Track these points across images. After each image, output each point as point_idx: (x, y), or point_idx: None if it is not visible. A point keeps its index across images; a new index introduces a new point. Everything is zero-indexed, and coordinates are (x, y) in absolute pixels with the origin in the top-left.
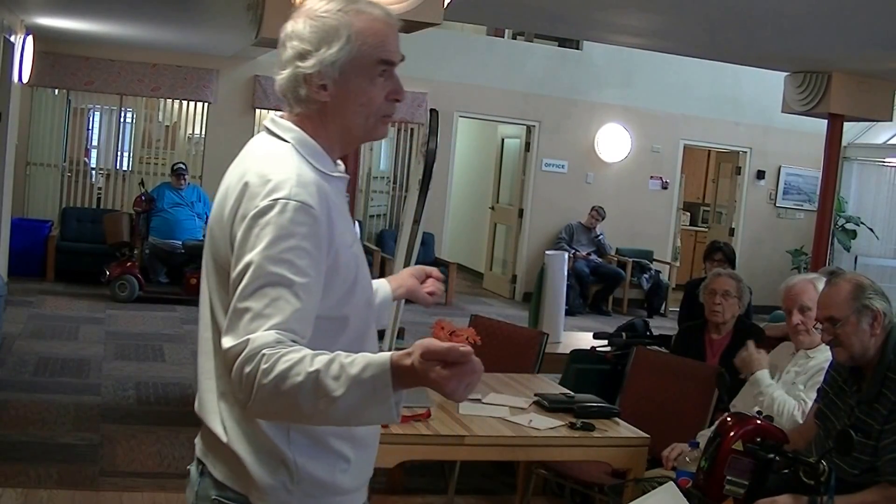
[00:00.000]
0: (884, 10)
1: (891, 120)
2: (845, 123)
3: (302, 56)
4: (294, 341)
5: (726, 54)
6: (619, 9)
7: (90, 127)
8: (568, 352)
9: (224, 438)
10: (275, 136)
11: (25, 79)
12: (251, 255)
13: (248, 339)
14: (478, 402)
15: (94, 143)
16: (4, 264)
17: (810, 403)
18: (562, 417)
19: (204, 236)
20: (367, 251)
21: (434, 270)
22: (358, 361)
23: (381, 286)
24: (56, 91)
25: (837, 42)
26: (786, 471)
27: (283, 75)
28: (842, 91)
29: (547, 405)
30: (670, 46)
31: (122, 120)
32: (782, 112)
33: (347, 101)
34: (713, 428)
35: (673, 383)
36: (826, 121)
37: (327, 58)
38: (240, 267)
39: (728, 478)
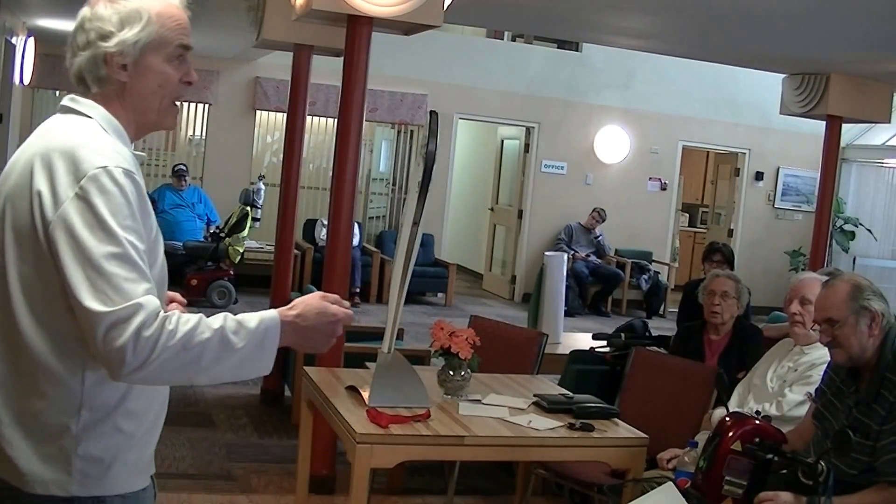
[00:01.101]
0: (882, 11)
1: (889, 121)
2: (843, 125)
3: (104, 37)
4: None
5: (725, 56)
6: (618, 11)
7: None
8: (567, 352)
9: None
10: (76, 113)
11: (27, 80)
12: (92, 220)
13: (139, 304)
14: (477, 403)
15: None
16: None
17: (796, 398)
18: (561, 418)
19: (205, 238)
20: (367, 253)
21: (178, 296)
22: (249, 317)
23: None
24: (57, 93)
25: (835, 44)
26: (784, 471)
27: (81, 56)
28: (840, 92)
29: (546, 406)
30: (669, 48)
31: None
32: (780, 114)
33: (146, 82)
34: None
35: (672, 384)
36: (824, 122)
37: (129, 38)
38: (80, 232)
39: (727, 478)
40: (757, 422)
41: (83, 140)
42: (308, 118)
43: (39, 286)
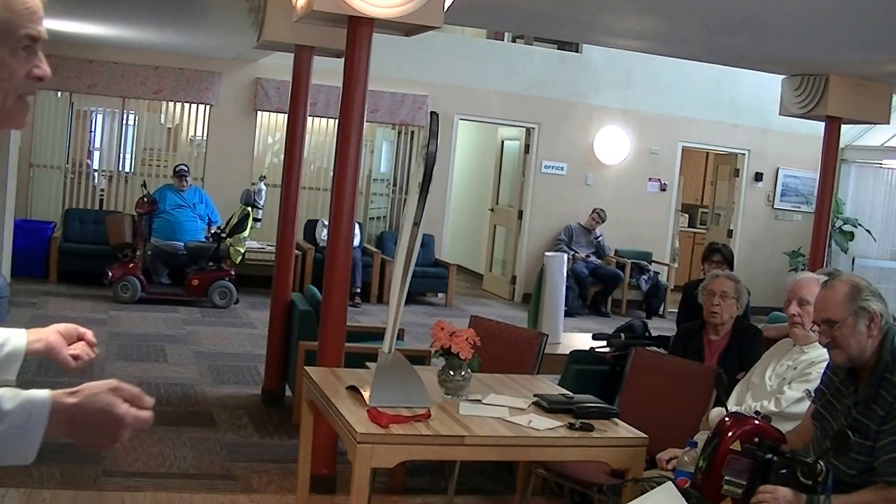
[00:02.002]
0: (881, 13)
1: (888, 122)
2: (843, 126)
3: None
4: None
5: (724, 57)
6: (618, 12)
7: (93, 129)
8: (567, 353)
9: None
10: None
11: None
12: None
13: None
14: (478, 403)
15: (97, 145)
16: (8, 265)
17: (795, 395)
18: (561, 418)
19: (206, 238)
20: (368, 253)
21: (88, 333)
22: (10, 396)
23: (15, 336)
24: (59, 94)
25: (835, 45)
26: (783, 471)
27: None
28: (839, 93)
29: (546, 406)
30: (669, 49)
31: (124, 122)
32: (780, 114)
33: None
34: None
35: (671, 384)
36: (823, 123)
37: None
38: None
39: (726, 478)
40: (756, 422)
41: None
42: (309, 119)
43: None
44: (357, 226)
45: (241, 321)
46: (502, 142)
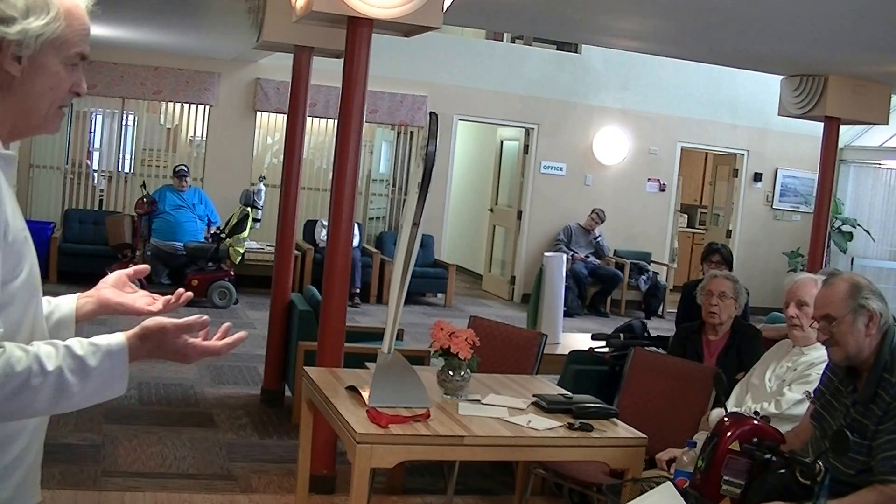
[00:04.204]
0: (880, 13)
1: (887, 123)
2: (842, 126)
3: (6, 21)
4: None
5: (723, 57)
6: (617, 13)
7: (92, 130)
8: (566, 353)
9: None
10: None
11: None
12: None
13: None
14: (477, 403)
15: (97, 145)
16: None
17: (795, 396)
18: (560, 418)
19: (206, 238)
20: (367, 253)
21: (139, 268)
22: (91, 351)
23: (64, 303)
24: None
25: (834, 45)
26: (782, 471)
27: None
28: (838, 94)
29: (545, 406)
30: (668, 50)
31: (123, 123)
32: (779, 115)
33: (37, 81)
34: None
35: (670, 384)
36: (822, 123)
37: (33, 29)
38: None
39: (725, 478)
40: (755, 422)
41: None
42: (308, 119)
43: None
44: (356, 226)
45: (240, 321)
46: (501, 142)
